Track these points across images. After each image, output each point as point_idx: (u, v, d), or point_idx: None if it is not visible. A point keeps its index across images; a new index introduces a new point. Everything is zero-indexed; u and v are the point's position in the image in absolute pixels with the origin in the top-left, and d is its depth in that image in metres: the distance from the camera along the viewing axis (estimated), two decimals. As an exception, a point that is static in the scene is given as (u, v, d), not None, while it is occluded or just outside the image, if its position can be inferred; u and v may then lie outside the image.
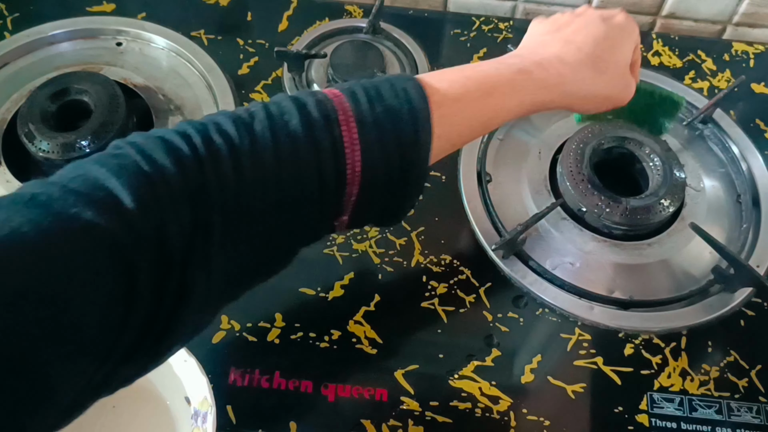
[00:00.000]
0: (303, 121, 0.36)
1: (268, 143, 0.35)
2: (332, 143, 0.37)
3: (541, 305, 0.56)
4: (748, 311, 0.57)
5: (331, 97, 0.38)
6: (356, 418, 0.50)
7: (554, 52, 0.47)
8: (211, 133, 0.35)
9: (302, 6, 0.76)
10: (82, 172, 0.31)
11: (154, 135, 0.35)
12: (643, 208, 0.58)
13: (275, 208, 0.36)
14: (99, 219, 0.29)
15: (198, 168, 0.33)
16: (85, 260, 0.28)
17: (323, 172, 0.37)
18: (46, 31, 0.72)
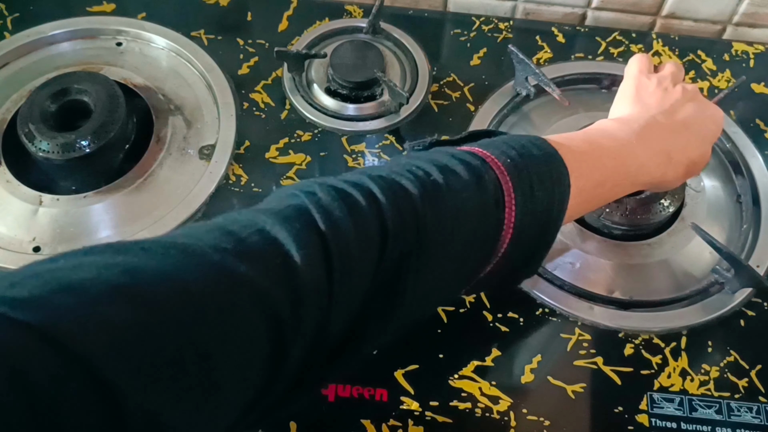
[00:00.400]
0: (479, 197, 0.37)
1: (449, 215, 0.36)
2: (496, 224, 0.38)
3: (541, 305, 0.56)
4: (748, 311, 0.57)
5: (495, 171, 0.38)
6: (356, 418, 0.50)
7: (664, 146, 0.48)
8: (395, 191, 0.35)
9: (302, 6, 0.76)
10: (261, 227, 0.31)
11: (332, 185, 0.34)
12: (643, 208, 0.58)
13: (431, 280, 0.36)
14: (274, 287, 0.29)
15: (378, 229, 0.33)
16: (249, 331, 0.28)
17: (484, 252, 0.38)
18: (46, 31, 0.72)
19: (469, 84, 0.71)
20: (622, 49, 0.74)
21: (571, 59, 0.73)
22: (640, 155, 0.46)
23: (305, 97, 0.69)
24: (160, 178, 0.63)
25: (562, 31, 0.76)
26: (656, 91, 0.52)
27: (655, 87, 0.52)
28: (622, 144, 0.46)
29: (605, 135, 0.46)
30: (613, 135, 0.46)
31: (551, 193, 0.39)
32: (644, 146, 0.47)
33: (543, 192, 0.39)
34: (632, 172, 0.46)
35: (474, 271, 0.39)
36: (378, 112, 0.68)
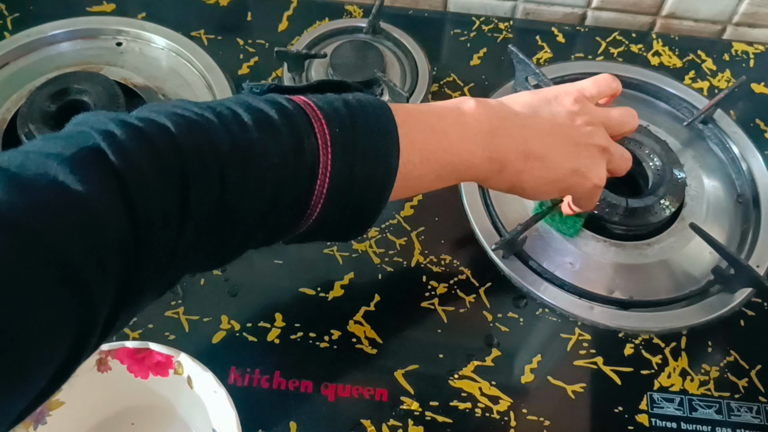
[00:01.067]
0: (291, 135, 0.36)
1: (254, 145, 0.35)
2: (310, 168, 0.37)
3: (541, 305, 0.56)
4: (748, 311, 0.57)
5: (314, 121, 0.38)
6: (356, 418, 0.50)
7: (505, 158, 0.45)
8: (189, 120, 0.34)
9: (302, 6, 0.76)
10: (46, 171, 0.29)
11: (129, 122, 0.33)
12: (643, 208, 0.58)
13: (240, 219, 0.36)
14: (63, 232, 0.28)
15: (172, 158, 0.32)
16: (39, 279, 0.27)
17: (296, 192, 0.37)
18: (46, 31, 0.72)
19: (469, 84, 0.71)
20: (622, 49, 0.75)
21: (571, 59, 0.73)
22: (477, 155, 0.44)
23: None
24: (160, 178, 0.63)
25: (562, 31, 0.76)
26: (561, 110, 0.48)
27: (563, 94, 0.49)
28: (466, 139, 0.44)
29: (459, 122, 0.44)
30: (465, 125, 0.44)
31: (371, 176, 0.39)
32: (485, 148, 0.44)
33: (363, 172, 0.39)
34: (461, 170, 0.44)
35: (282, 228, 0.39)
36: (378, 112, 0.68)
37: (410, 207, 0.61)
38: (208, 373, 0.45)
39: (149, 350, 0.46)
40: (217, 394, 0.45)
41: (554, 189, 0.48)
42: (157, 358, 0.47)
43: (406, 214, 0.61)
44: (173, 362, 0.47)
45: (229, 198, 0.34)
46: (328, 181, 0.38)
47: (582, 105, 0.49)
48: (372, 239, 0.59)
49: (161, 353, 0.46)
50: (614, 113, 0.51)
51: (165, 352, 0.46)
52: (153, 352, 0.47)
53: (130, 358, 0.47)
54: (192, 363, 0.46)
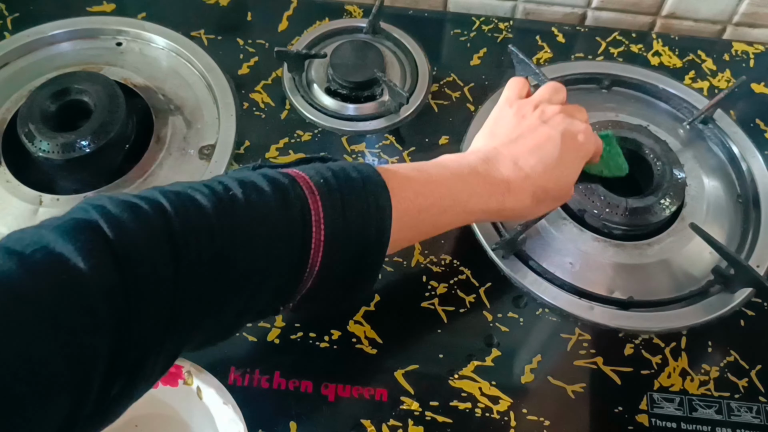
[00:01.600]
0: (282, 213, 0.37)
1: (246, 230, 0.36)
2: (303, 242, 0.38)
3: (541, 305, 0.56)
4: (748, 311, 0.57)
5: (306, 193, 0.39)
6: (356, 418, 0.50)
7: (506, 177, 0.47)
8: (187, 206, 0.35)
9: (302, 6, 0.76)
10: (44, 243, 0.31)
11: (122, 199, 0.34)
12: (643, 208, 0.58)
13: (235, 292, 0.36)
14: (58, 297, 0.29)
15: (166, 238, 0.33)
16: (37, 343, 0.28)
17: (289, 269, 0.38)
18: (46, 31, 0.72)
19: (469, 84, 0.71)
20: (622, 49, 0.75)
21: (571, 59, 0.73)
22: (472, 183, 0.46)
23: (305, 97, 0.69)
24: (160, 178, 0.63)
25: (562, 31, 0.76)
26: (512, 119, 0.51)
27: (512, 115, 0.51)
28: (452, 172, 0.46)
29: (438, 165, 0.47)
30: (446, 165, 0.47)
31: (366, 212, 0.40)
32: (477, 176, 0.46)
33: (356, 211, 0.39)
34: (463, 200, 0.45)
35: (285, 285, 0.39)
36: (378, 112, 0.68)
37: (410, 207, 0.61)
38: (218, 385, 0.45)
39: None
40: (226, 407, 0.45)
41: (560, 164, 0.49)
42: None
43: (406, 214, 0.61)
44: (183, 372, 0.47)
45: (222, 249, 0.35)
46: (323, 228, 0.38)
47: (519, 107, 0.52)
48: (372, 239, 0.59)
49: None
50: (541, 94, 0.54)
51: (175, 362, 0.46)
52: None
53: None
54: (202, 374, 0.46)
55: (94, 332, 0.30)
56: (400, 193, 0.42)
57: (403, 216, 0.42)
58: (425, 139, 0.67)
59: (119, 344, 0.31)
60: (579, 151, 0.50)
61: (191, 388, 0.47)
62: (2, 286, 0.28)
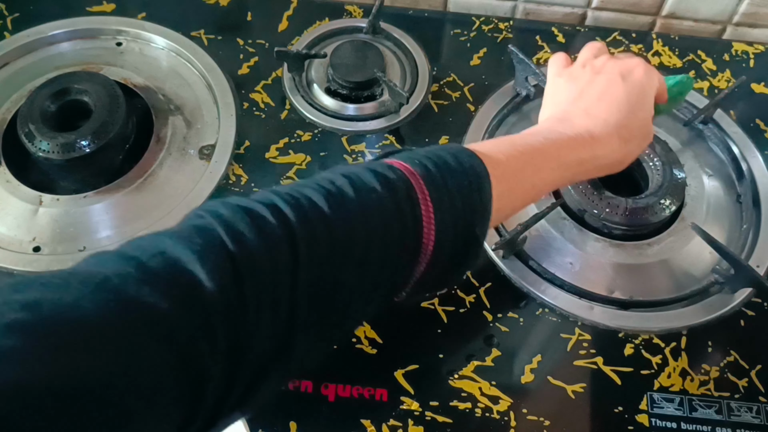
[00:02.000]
0: (389, 198, 0.37)
1: (359, 223, 0.36)
2: (414, 223, 0.37)
3: (541, 305, 0.56)
4: (748, 311, 0.57)
5: (405, 174, 0.39)
6: (356, 418, 0.50)
7: (584, 127, 0.47)
8: (303, 206, 0.35)
9: (302, 6, 0.76)
10: (163, 249, 0.30)
11: (236, 204, 0.34)
12: (643, 208, 0.58)
13: (356, 288, 0.36)
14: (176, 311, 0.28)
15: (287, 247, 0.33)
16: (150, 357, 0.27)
17: (403, 252, 0.37)
18: (46, 31, 0.72)
19: (469, 84, 0.71)
20: (622, 49, 0.74)
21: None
22: (557, 141, 0.46)
23: (305, 97, 0.69)
24: (160, 178, 0.63)
25: (562, 31, 0.76)
26: (567, 84, 0.52)
27: (566, 82, 0.52)
28: (533, 138, 0.46)
29: (513, 136, 0.47)
30: (522, 135, 0.47)
31: (466, 182, 0.40)
32: (559, 134, 0.47)
33: (456, 182, 0.39)
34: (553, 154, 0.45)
35: (402, 268, 0.39)
36: (378, 112, 0.68)
37: (410, 207, 0.61)
38: None
39: None
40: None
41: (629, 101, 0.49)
42: None
43: (406, 214, 0.61)
44: None
45: (339, 239, 0.34)
46: (431, 205, 0.38)
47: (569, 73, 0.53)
48: (372, 239, 0.59)
49: None
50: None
51: None
52: None
53: None
54: None
55: (211, 356, 0.29)
56: (491, 162, 0.41)
57: (500, 182, 0.41)
58: (425, 139, 0.67)
59: (234, 366, 0.30)
60: (643, 84, 0.50)
61: None
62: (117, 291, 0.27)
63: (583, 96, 0.50)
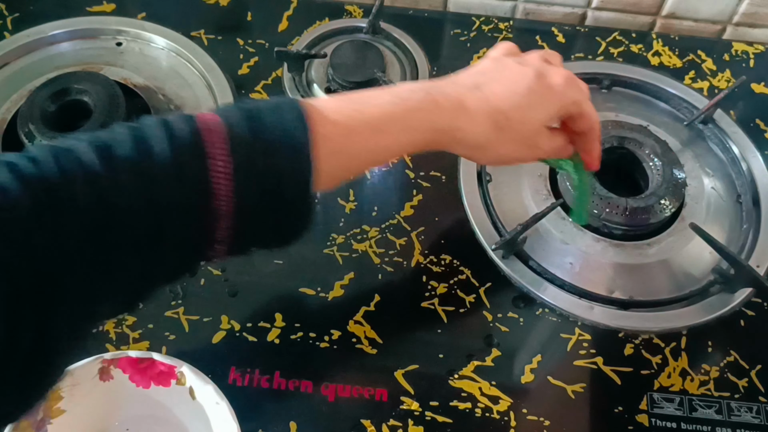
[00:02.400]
0: (171, 152, 0.35)
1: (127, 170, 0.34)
2: (200, 181, 0.35)
3: (541, 305, 0.56)
4: (748, 311, 0.57)
5: (204, 126, 0.36)
6: (356, 418, 0.50)
7: (458, 95, 0.44)
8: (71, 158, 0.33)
9: (302, 6, 0.76)
10: None
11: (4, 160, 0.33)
12: (643, 208, 0.58)
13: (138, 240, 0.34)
14: None
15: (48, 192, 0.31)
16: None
17: (185, 209, 0.35)
18: (46, 31, 0.72)
19: (469, 84, 0.70)
20: (622, 49, 0.75)
21: (571, 59, 0.73)
22: (416, 99, 0.42)
23: (305, 97, 0.68)
24: (160, 178, 0.63)
25: (562, 31, 0.76)
26: (486, 62, 0.48)
27: (488, 60, 0.48)
28: (392, 93, 0.42)
29: (375, 89, 0.43)
30: (386, 89, 0.43)
31: (279, 135, 0.37)
32: (425, 93, 0.43)
33: (267, 133, 0.37)
34: (400, 115, 0.42)
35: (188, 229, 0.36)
36: (378, 112, 0.68)
37: (410, 207, 0.61)
38: (210, 385, 0.45)
39: (152, 360, 0.46)
40: (219, 406, 0.45)
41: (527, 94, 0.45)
42: (159, 368, 0.47)
43: (406, 214, 0.61)
44: (176, 372, 0.46)
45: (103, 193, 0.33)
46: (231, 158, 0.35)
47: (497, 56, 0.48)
48: (372, 239, 0.59)
49: (164, 363, 0.46)
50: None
51: (168, 362, 0.46)
52: (156, 362, 0.46)
53: (132, 368, 0.47)
54: (194, 374, 0.46)
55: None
56: (324, 116, 0.39)
57: (327, 141, 0.38)
58: (425, 139, 0.67)
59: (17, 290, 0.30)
60: (553, 89, 0.46)
61: (184, 388, 0.46)
62: None
63: (485, 73, 0.46)
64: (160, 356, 0.46)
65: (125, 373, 0.47)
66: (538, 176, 0.63)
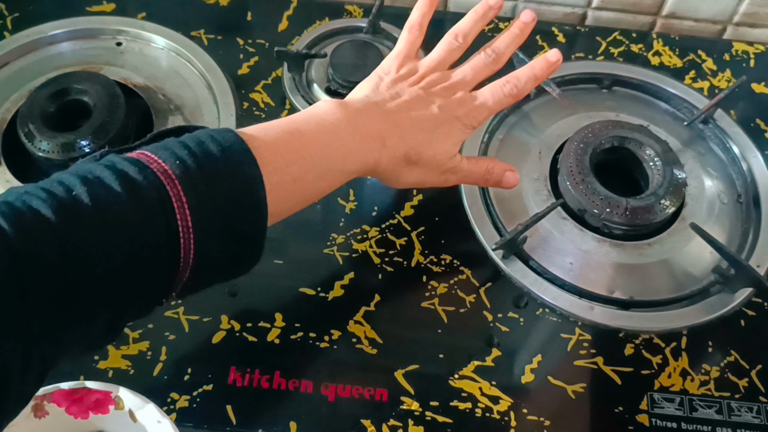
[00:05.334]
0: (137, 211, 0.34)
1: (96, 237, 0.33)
2: (169, 235, 0.35)
3: (541, 305, 0.56)
4: (748, 311, 0.57)
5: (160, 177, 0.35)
6: (356, 418, 0.50)
7: (379, 130, 0.47)
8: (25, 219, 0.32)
9: (302, 6, 0.76)
10: None
11: None
12: (643, 208, 0.58)
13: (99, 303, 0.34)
14: None
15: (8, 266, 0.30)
16: None
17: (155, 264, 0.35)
18: (46, 31, 0.72)
19: (469, 84, 0.70)
20: (622, 49, 0.74)
21: (571, 59, 0.73)
22: (347, 140, 0.45)
23: (305, 97, 0.69)
24: (160, 178, 0.63)
25: (562, 31, 0.76)
26: (393, 80, 0.51)
27: (395, 73, 0.52)
28: (328, 130, 0.44)
29: (312, 119, 0.44)
30: (321, 119, 0.44)
31: (235, 187, 0.37)
32: (353, 130, 0.45)
33: (223, 187, 0.37)
34: (339, 160, 0.44)
35: (158, 278, 0.36)
36: (378, 112, 0.68)
37: (410, 207, 0.61)
38: (150, 404, 0.44)
39: (86, 389, 0.44)
40: (162, 424, 0.43)
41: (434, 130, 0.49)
42: (95, 396, 0.45)
43: (406, 214, 0.61)
44: (112, 398, 0.45)
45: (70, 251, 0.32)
46: (188, 213, 0.35)
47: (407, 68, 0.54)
48: (372, 239, 0.59)
49: (99, 390, 0.44)
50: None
51: (102, 389, 0.44)
52: (90, 390, 0.44)
53: (67, 400, 0.45)
54: (132, 396, 0.44)
55: None
56: (270, 164, 0.39)
57: (276, 188, 0.39)
58: (425, 139, 0.66)
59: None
60: (459, 119, 0.51)
61: (124, 412, 0.45)
62: None
63: (396, 101, 0.49)
64: (94, 383, 0.44)
65: (60, 407, 0.45)
66: (539, 177, 0.63)
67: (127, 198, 0.34)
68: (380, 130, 0.47)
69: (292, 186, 0.41)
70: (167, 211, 0.35)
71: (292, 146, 0.42)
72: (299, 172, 0.42)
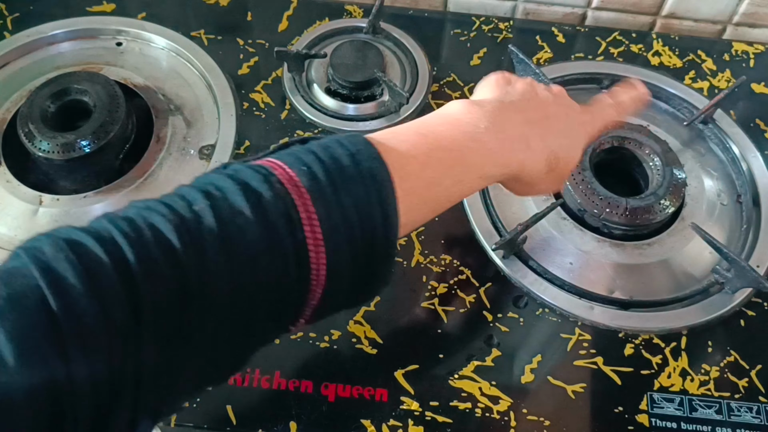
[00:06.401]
0: (261, 224, 0.31)
1: (220, 258, 0.30)
2: (296, 249, 0.32)
3: (541, 305, 0.56)
4: (748, 311, 0.57)
5: (287, 186, 0.32)
6: (356, 418, 0.50)
7: (522, 130, 0.42)
8: (146, 240, 0.29)
9: (302, 6, 0.76)
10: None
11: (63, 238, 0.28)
12: (643, 208, 0.58)
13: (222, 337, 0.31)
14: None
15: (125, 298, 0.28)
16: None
17: (284, 285, 0.32)
18: (46, 31, 0.72)
19: (469, 84, 0.71)
20: (622, 49, 0.74)
21: (571, 59, 0.73)
22: (488, 142, 0.39)
23: (305, 97, 0.69)
24: (160, 178, 0.63)
25: (562, 31, 0.76)
26: (521, 82, 0.45)
27: (520, 81, 0.46)
28: (464, 131, 0.39)
29: (446, 119, 0.40)
30: (455, 119, 0.40)
31: (365, 195, 0.33)
32: (497, 130, 0.40)
33: (352, 196, 0.33)
34: (477, 163, 0.39)
35: (288, 298, 0.33)
36: (378, 112, 0.68)
37: (410, 207, 0.61)
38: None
39: None
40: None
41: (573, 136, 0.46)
42: None
43: (406, 214, 0.61)
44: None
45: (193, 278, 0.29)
46: (318, 225, 0.32)
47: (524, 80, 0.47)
48: (372, 239, 0.59)
49: None
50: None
51: None
52: None
53: None
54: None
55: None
56: (402, 168, 0.35)
57: (409, 195, 0.35)
58: (425, 139, 0.66)
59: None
60: (585, 125, 0.47)
61: None
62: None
63: (530, 102, 0.44)
64: None
65: None
66: (538, 176, 0.63)
67: (251, 213, 0.31)
68: (523, 131, 0.41)
69: (425, 192, 0.37)
70: (294, 224, 0.32)
71: (424, 148, 0.37)
72: (433, 177, 0.37)
